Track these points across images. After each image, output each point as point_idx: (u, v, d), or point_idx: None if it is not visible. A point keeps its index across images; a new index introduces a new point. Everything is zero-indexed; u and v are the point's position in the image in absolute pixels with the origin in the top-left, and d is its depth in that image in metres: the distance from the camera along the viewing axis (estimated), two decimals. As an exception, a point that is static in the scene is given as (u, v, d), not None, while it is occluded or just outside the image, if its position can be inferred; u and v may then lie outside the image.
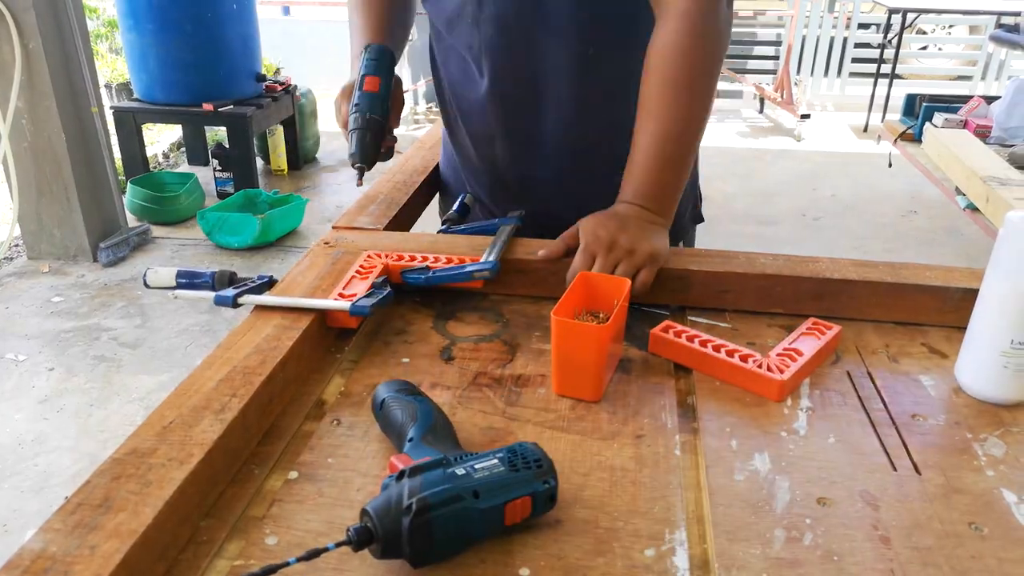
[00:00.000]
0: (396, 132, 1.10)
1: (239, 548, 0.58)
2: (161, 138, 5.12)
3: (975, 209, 2.29)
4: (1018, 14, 4.95)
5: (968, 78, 6.53)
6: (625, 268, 0.87)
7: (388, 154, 1.07)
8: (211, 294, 0.85)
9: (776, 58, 6.52)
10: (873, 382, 0.80)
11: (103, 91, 4.13)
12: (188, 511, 0.58)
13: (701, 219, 1.27)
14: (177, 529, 0.57)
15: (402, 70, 5.50)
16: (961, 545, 0.58)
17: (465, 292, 0.95)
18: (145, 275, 0.88)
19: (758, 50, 6.77)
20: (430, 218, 1.30)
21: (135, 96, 4.18)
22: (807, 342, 0.83)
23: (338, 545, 0.54)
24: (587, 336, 0.74)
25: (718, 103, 6.65)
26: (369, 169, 1.03)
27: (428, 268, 0.92)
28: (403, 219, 1.16)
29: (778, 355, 0.80)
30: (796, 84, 6.07)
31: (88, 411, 2.48)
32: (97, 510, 0.55)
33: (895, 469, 0.67)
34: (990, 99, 3.09)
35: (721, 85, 6.59)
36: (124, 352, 2.80)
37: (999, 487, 0.65)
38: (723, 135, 5.79)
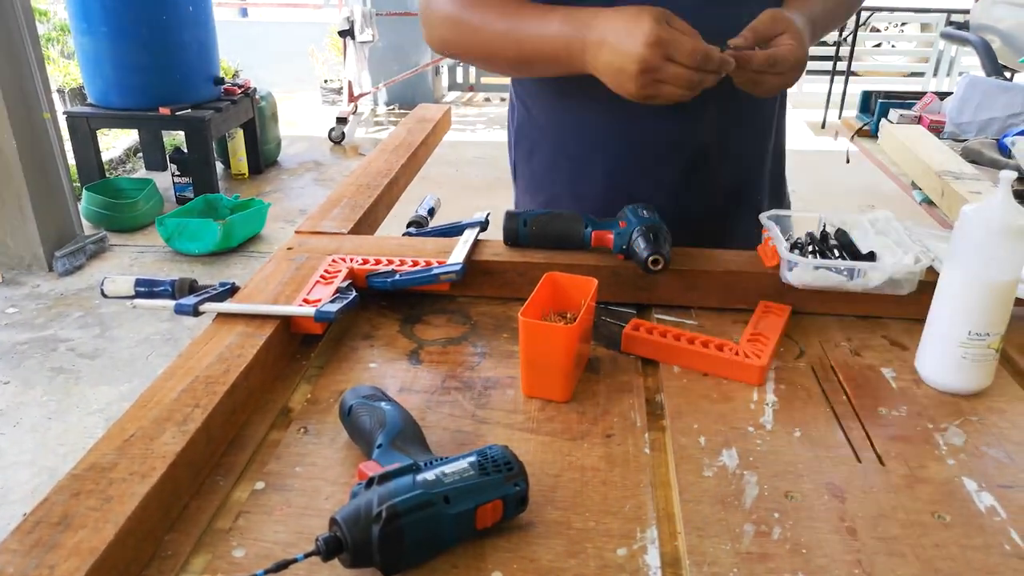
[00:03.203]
0: (358, 135, 1.08)
1: (205, 562, 0.56)
2: (117, 143, 5.02)
3: (931, 203, 2.35)
4: (967, 12, 5.08)
5: (920, 74, 6.69)
6: (788, 79, 0.90)
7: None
8: (171, 303, 0.83)
9: (735, 57, 6.60)
10: (836, 376, 0.81)
11: (55, 96, 4.03)
12: (151, 526, 0.57)
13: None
14: (140, 545, 0.56)
15: (362, 73, 5.46)
16: (925, 534, 0.59)
17: (432, 295, 0.95)
18: (102, 284, 0.86)
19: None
20: (397, 221, 1.30)
21: (89, 101, 4.10)
22: (767, 324, 0.86)
23: (307, 556, 0.53)
24: (555, 337, 0.73)
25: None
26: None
27: (394, 271, 0.92)
28: (368, 223, 1.15)
29: (748, 341, 0.82)
30: (755, 82, 6.15)
31: (46, 424, 2.42)
32: (56, 528, 0.53)
33: (860, 461, 0.68)
34: (943, 95, 3.17)
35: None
36: (83, 363, 2.74)
37: (960, 476, 0.66)
38: (685, 133, 5.83)
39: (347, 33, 5.25)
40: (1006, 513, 0.62)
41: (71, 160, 3.92)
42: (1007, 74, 4.29)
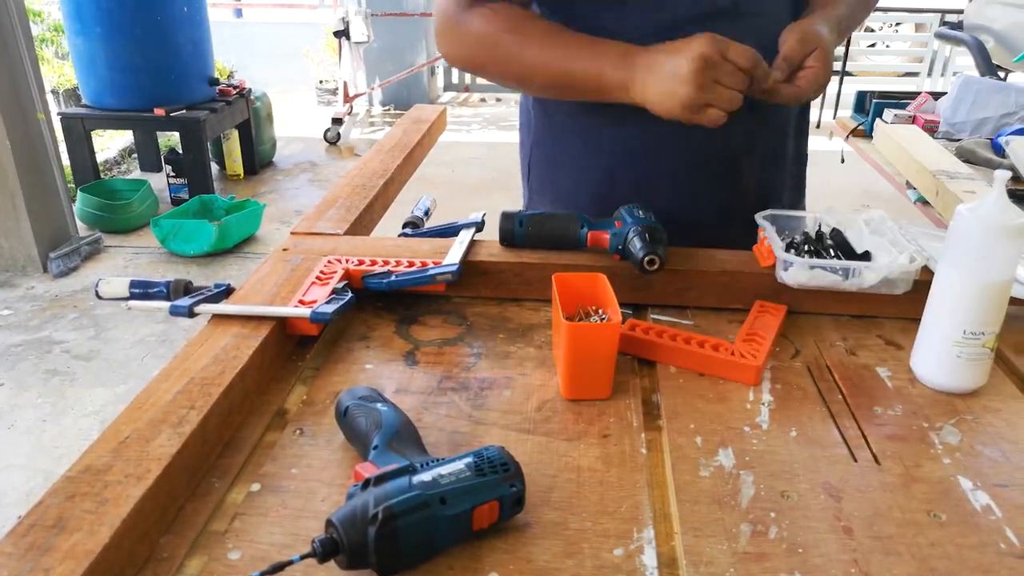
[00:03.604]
0: (354, 136, 1.07)
1: (201, 564, 0.56)
2: (111, 144, 5.00)
3: (926, 202, 2.35)
4: (961, 12, 5.10)
5: (915, 74, 6.71)
6: (824, 78, 0.91)
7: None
8: (166, 304, 0.83)
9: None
10: (832, 375, 0.81)
11: (50, 97, 4.02)
12: (146, 528, 0.57)
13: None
14: (135, 547, 0.55)
15: (358, 74, 5.46)
16: (921, 533, 0.60)
17: (428, 295, 0.95)
18: (97, 286, 0.86)
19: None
20: (392, 222, 1.29)
21: (83, 102, 4.08)
22: (763, 324, 0.86)
23: (303, 557, 0.53)
24: (604, 336, 0.74)
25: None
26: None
27: (390, 272, 0.92)
28: (363, 223, 1.15)
29: (743, 341, 0.82)
30: (750, 82, 6.15)
31: (41, 427, 2.41)
32: (51, 531, 0.53)
33: (855, 460, 0.68)
34: (937, 95, 3.18)
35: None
36: (77, 365, 2.73)
37: (955, 475, 0.66)
38: (680, 133, 5.83)
39: (342, 34, 5.25)
40: (1001, 512, 0.62)
41: (65, 161, 3.91)
42: (1001, 74, 4.30)
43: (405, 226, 1.11)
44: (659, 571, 0.56)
